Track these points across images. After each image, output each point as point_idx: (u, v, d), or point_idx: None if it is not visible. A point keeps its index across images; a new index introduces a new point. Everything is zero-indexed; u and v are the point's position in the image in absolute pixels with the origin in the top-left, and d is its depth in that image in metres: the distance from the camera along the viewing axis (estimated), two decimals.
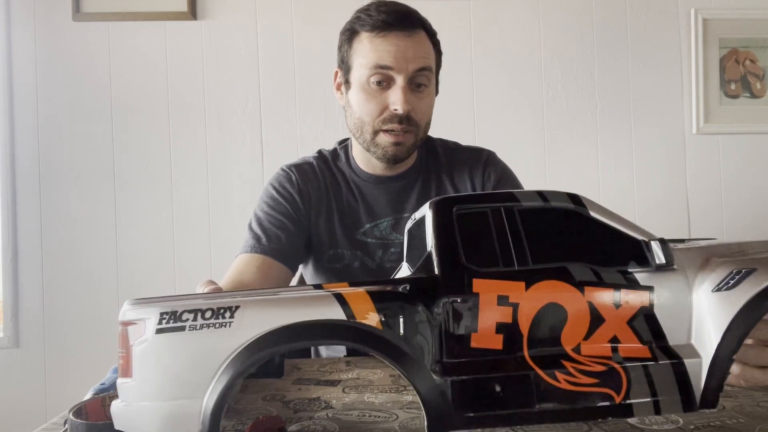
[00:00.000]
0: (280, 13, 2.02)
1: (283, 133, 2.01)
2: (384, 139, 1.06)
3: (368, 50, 1.04)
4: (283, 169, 1.19)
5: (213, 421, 0.46)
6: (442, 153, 1.21)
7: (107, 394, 0.58)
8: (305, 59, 2.00)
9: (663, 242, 0.53)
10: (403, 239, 1.12)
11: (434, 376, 0.49)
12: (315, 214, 1.14)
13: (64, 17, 1.98)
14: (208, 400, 0.47)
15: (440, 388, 0.49)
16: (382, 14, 1.04)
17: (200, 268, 1.97)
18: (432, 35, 1.10)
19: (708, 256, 0.54)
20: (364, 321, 0.48)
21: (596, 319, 0.51)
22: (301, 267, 1.20)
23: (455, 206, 0.55)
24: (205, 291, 0.69)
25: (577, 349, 0.51)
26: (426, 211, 0.57)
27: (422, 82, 1.06)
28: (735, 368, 0.66)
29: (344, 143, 1.22)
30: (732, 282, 0.51)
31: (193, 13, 1.99)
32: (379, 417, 0.66)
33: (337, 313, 0.48)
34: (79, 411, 0.55)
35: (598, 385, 0.50)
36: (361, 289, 0.50)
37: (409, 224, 0.73)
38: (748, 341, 0.64)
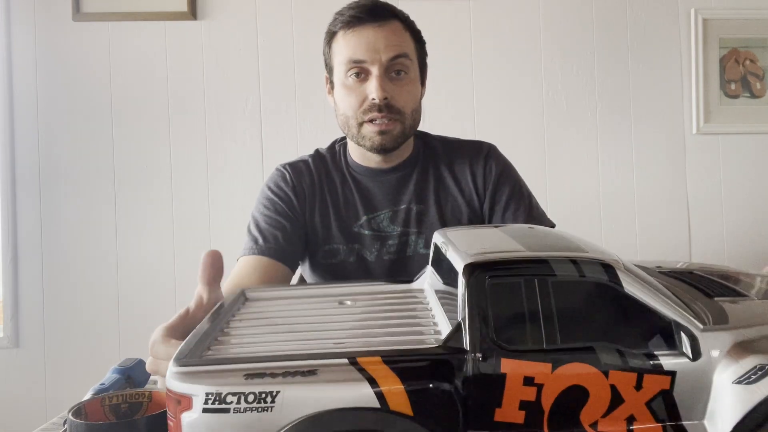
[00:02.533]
0: (280, 13, 2.02)
1: (283, 133, 2.01)
2: (368, 129, 1.07)
3: (342, 47, 1.07)
4: (278, 169, 1.20)
5: None
6: (441, 146, 1.21)
7: (107, 394, 0.59)
8: (305, 59, 1.99)
9: (693, 338, 0.54)
10: (398, 229, 1.12)
11: None
12: (310, 211, 1.15)
13: (64, 17, 1.98)
14: None
15: None
16: (352, 10, 1.07)
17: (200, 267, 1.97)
18: (408, 24, 1.11)
19: (736, 340, 0.54)
20: (395, 406, 0.50)
21: (616, 399, 0.53)
22: (300, 265, 1.20)
23: (488, 275, 0.55)
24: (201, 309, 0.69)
25: (594, 425, 0.53)
26: (458, 269, 0.57)
27: (400, 69, 1.07)
28: None
29: (342, 141, 1.23)
30: (754, 377, 0.52)
31: (193, 13, 1.99)
32: None
33: (369, 396, 0.50)
34: (79, 411, 0.55)
35: None
36: (393, 373, 0.51)
37: (437, 240, 0.72)
38: None
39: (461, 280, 0.55)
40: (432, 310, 0.68)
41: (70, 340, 1.96)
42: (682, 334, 0.54)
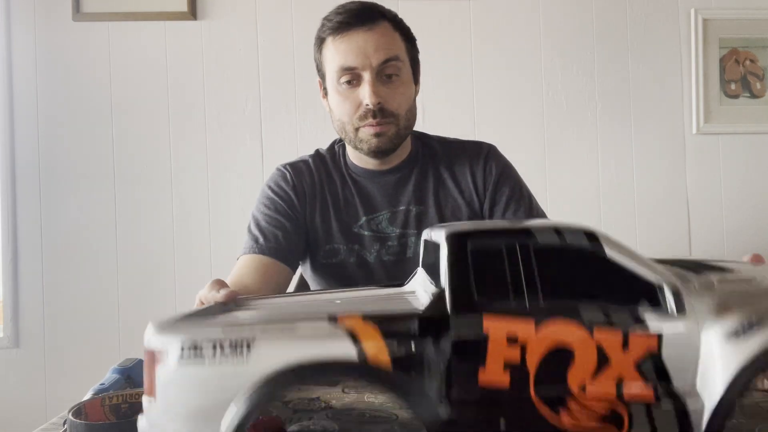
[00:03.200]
0: (280, 13, 2.02)
1: (283, 133, 2.01)
2: (365, 132, 1.07)
3: (333, 54, 1.07)
4: (278, 169, 1.20)
5: None
6: (440, 147, 1.21)
7: (107, 394, 0.59)
8: (305, 59, 1.99)
9: (676, 292, 0.53)
10: (397, 230, 1.13)
11: (440, 412, 0.50)
12: (311, 210, 1.15)
13: (64, 17, 1.98)
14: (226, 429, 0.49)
15: (446, 423, 0.50)
16: (339, 15, 1.06)
17: (200, 267, 1.97)
18: (397, 23, 1.10)
19: (721, 300, 0.54)
20: (375, 362, 0.49)
21: (603, 360, 0.52)
22: (300, 265, 1.20)
23: (469, 241, 0.55)
24: (219, 296, 0.69)
25: (583, 388, 0.51)
26: (441, 242, 0.57)
27: (392, 72, 1.06)
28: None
29: (342, 141, 1.23)
30: (742, 333, 0.51)
31: (193, 13, 1.99)
32: (379, 417, 0.66)
33: (348, 350, 0.49)
34: (79, 411, 0.55)
35: (599, 423, 0.51)
36: (373, 327, 0.51)
37: (425, 236, 0.72)
38: None
39: (443, 250, 0.55)
40: (423, 304, 0.68)
41: (70, 340, 1.96)
42: (667, 294, 0.53)
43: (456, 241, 0.55)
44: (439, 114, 1.92)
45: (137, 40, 2.00)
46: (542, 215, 1.18)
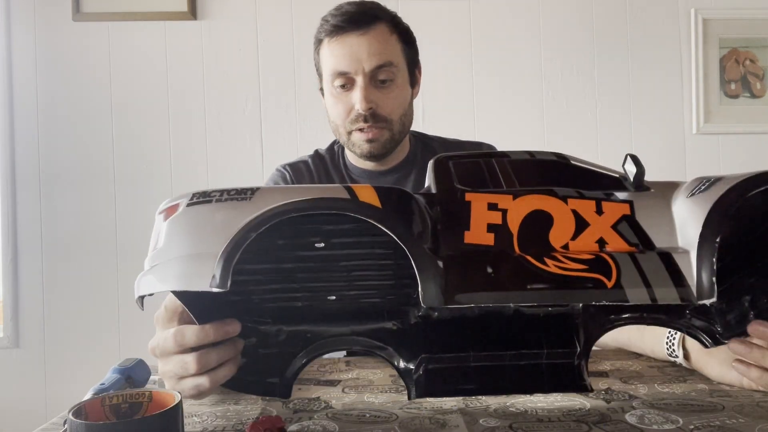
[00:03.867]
0: (280, 13, 2.02)
1: (283, 133, 2.01)
2: (357, 137, 1.08)
3: (327, 57, 1.07)
4: (278, 169, 1.20)
5: (224, 270, 0.52)
6: (440, 147, 1.21)
7: (107, 394, 0.59)
8: (305, 59, 1.99)
9: (634, 157, 0.60)
10: None
11: (431, 255, 0.54)
12: None
13: (64, 17, 1.98)
14: (223, 252, 0.52)
15: (436, 267, 0.53)
16: (336, 18, 1.05)
17: None
18: (395, 24, 1.08)
19: (678, 183, 0.62)
20: (366, 199, 0.54)
21: (581, 222, 0.57)
22: None
23: (452, 159, 0.62)
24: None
25: (565, 248, 0.56)
26: (428, 169, 0.63)
27: (385, 77, 1.05)
28: (755, 373, 0.67)
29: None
30: (703, 187, 0.57)
31: (193, 13, 1.99)
32: (378, 417, 0.66)
33: (342, 193, 0.55)
34: (79, 411, 0.55)
35: (588, 270, 0.54)
36: (367, 185, 0.56)
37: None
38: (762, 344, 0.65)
39: (429, 171, 0.62)
40: None
41: (70, 340, 1.96)
42: (627, 169, 0.60)
43: (439, 158, 0.63)
44: (438, 114, 1.93)
45: (137, 40, 2.00)
46: None
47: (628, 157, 0.60)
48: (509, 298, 0.53)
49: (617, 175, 0.62)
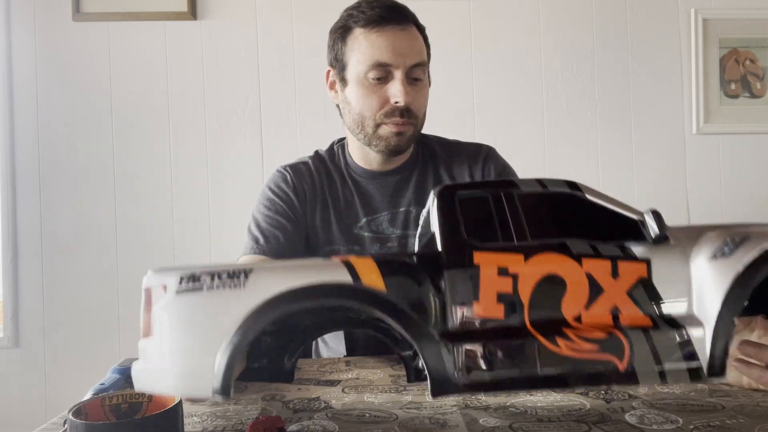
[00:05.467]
0: (280, 13, 2.02)
1: (282, 133, 2.01)
2: (387, 130, 1.07)
3: (365, 47, 1.05)
4: (278, 170, 1.20)
5: (225, 377, 0.48)
6: (440, 148, 1.21)
7: (107, 394, 0.59)
8: (305, 59, 1.99)
9: (657, 214, 0.55)
10: (398, 232, 1.13)
11: (438, 341, 0.50)
12: (311, 212, 1.15)
13: (64, 17, 1.98)
14: (221, 357, 0.49)
15: (444, 353, 0.50)
16: (376, 9, 1.05)
17: None
18: (421, 30, 1.11)
19: (701, 230, 0.57)
20: (370, 283, 0.50)
21: (595, 289, 0.52)
22: None
23: (457, 192, 0.58)
24: None
25: (578, 319, 0.52)
26: (430, 199, 0.59)
27: (418, 76, 1.07)
28: (756, 372, 0.67)
29: (341, 141, 1.23)
30: (727, 249, 0.52)
31: (193, 13, 1.99)
32: (378, 417, 0.66)
33: (344, 276, 0.50)
34: (79, 411, 0.55)
35: (600, 351, 0.50)
36: (368, 258, 0.52)
37: (421, 220, 0.74)
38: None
39: (432, 201, 0.58)
40: None
41: (70, 340, 1.96)
42: (647, 220, 0.55)
43: (444, 192, 0.58)
44: (438, 114, 1.92)
45: (137, 40, 2.00)
46: None
47: (651, 213, 0.55)
48: (520, 384, 0.50)
49: (635, 217, 0.56)
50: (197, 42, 2.01)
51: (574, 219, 0.56)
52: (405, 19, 1.06)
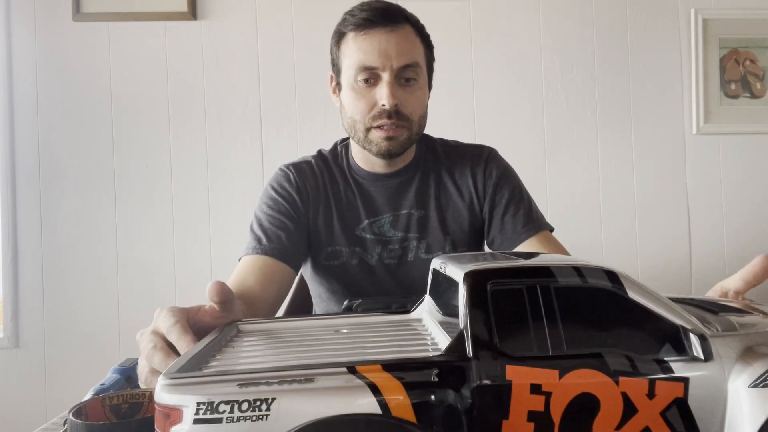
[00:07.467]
0: (280, 13, 2.02)
1: (283, 133, 2.01)
2: (376, 134, 1.06)
3: (353, 50, 1.05)
4: (281, 169, 1.19)
5: None
6: (442, 150, 1.21)
7: (107, 394, 0.59)
8: (305, 59, 2.00)
9: (703, 338, 0.52)
10: (399, 234, 1.12)
11: None
12: (314, 212, 1.14)
13: (64, 17, 1.98)
14: None
15: None
16: (364, 12, 1.04)
17: (200, 267, 1.97)
18: (419, 29, 1.09)
19: (748, 345, 0.53)
20: (400, 414, 0.48)
21: (629, 409, 0.50)
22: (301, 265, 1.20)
23: (490, 281, 0.53)
24: (182, 344, 0.65)
25: None
26: (459, 280, 0.55)
27: (410, 77, 1.06)
28: None
29: (344, 142, 1.22)
30: None
31: (193, 13, 1.99)
32: None
33: (370, 403, 0.48)
34: (79, 411, 0.55)
35: None
36: (395, 379, 0.49)
37: (435, 265, 0.71)
38: None
39: (462, 290, 0.54)
40: (432, 335, 0.66)
41: (70, 340, 1.96)
42: (692, 338, 0.52)
43: (475, 281, 0.54)
44: (438, 114, 1.92)
45: (137, 40, 2.00)
46: (541, 219, 1.17)
47: (698, 338, 0.52)
48: None
49: (678, 322, 0.53)
50: (197, 42, 2.01)
51: (612, 320, 0.54)
52: (394, 20, 1.04)
